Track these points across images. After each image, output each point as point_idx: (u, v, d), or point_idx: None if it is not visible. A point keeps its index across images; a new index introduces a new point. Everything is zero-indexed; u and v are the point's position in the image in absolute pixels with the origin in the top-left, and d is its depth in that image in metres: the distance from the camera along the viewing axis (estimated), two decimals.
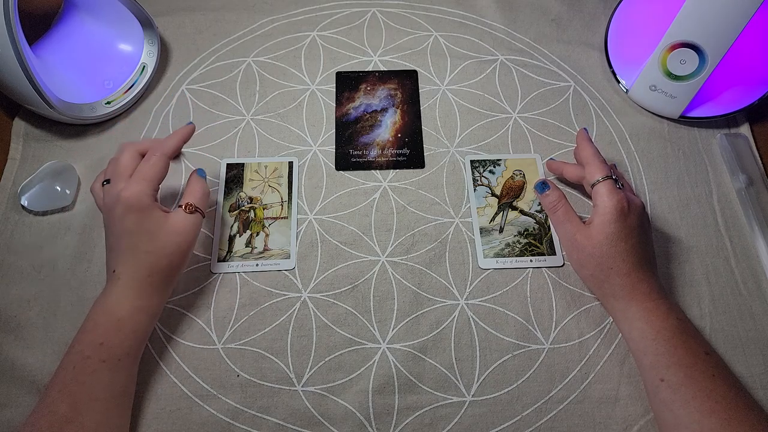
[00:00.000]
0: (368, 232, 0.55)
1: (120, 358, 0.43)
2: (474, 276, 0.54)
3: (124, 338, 0.43)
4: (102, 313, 0.43)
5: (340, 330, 0.51)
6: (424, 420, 0.47)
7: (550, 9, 0.71)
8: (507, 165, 0.60)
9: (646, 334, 0.45)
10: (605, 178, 0.48)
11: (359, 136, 0.61)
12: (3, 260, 0.53)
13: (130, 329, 0.43)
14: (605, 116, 0.63)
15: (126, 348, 0.43)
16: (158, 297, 0.46)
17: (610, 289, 0.47)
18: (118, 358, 0.42)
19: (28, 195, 0.55)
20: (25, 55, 0.51)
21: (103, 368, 0.42)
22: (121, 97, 0.61)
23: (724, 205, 0.58)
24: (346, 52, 0.67)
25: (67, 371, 0.41)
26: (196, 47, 0.67)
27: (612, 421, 0.47)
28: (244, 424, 0.47)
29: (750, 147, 0.60)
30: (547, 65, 0.67)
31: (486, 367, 0.50)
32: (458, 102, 0.64)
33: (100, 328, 0.43)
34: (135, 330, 0.44)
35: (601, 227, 0.47)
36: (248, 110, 0.63)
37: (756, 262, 0.55)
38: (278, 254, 0.54)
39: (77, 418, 0.40)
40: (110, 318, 0.43)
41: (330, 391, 0.48)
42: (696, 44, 0.56)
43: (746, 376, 0.49)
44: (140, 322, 0.44)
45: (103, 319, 0.43)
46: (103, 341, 0.42)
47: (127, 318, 0.43)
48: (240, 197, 0.57)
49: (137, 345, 0.45)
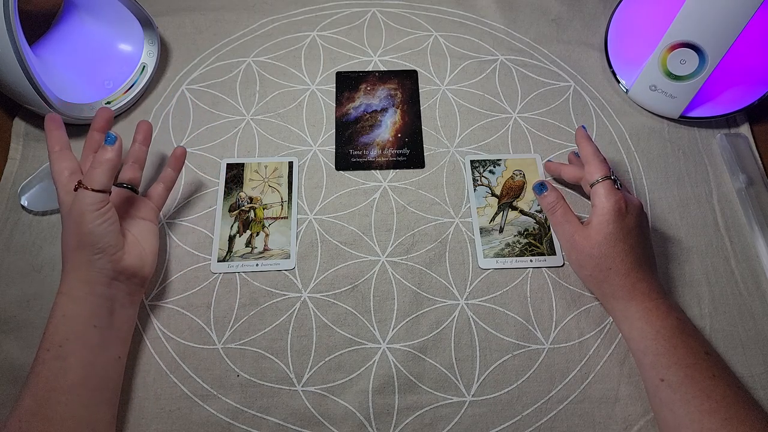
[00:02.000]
0: (368, 232, 0.55)
1: (61, 344, 0.42)
2: (474, 276, 0.54)
3: (57, 324, 0.43)
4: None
5: (340, 330, 0.51)
6: (424, 420, 0.47)
7: (550, 9, 0.71)
8: (507, 165, 0.60)
9: (646, 333, 0.45)
10: (604, 179, 0.48)
11: (359, 136, 0.61)
12: (3, 260, 0.53)
13: (59, 314, 0.43)
14: (605, 116, 0.63)
15: (63, 333, 0.42)
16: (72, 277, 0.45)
17: (610, 289, 0.47)
18: (58, 344, 0.42)
19: (28, 195, 0.55)
20: (25, 55, 0.51)
21: (49, 357, 0.41)
22: (121, 97, 0.61)
23: (724, 205, 0.58)
24: (346, 52, 0.67)
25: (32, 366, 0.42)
26: (196, 47, 0.67)
27: (612, 421, 0.47)
28: (244, 424, 0.47)
29: (750, 147, 0.60)
30: (547, 65, 0.67)
31: (486, 367, 0.50)
32: (458, 102, 0.64)
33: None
34: (63, 314, 0.43)
35: (599, 228, 0.47)
36: (248, 110, 0.63)
37: (756, 262, 0.55)
38: (278, 254, 0.54)
39: (41, 411, 0.40)
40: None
41: (330, 391, 0.48)
42: (696, 44, 0.56)
43: (746, 376, 0.49)
44: (61, 304, 0.43)
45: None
46: (44, 330, 0.43)
47: (54, 303, 0.44)
48: (240, 197, 0.57)
49: (74, 330, 0.43)
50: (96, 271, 0.45)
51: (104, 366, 0.44)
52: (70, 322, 0.43)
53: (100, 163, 0.44)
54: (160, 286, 0.52)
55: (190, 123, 0.62)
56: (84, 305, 0.44)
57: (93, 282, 0.44)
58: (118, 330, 0.46)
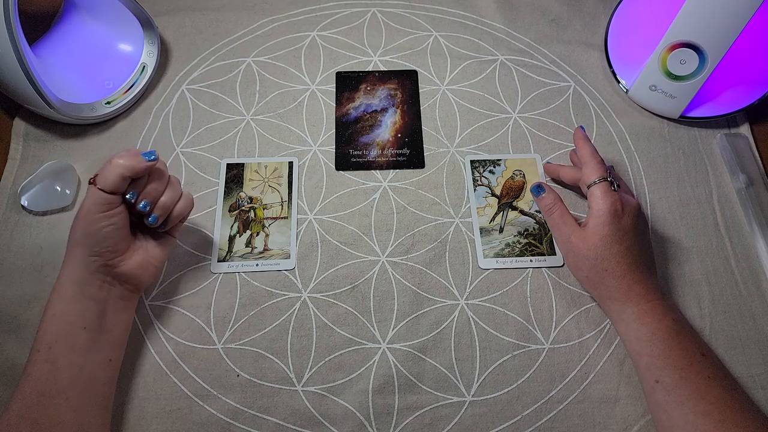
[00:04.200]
0: (368, 232, 0.56)
1: (50, 345, 0.41)
2: (474, 276, 0.54)
3: (47, 323, 0.42)
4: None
5: (340, 330, 0.51)
6: (424, 420, 0.47)
7: (550, 9, 0.71)
8: (507, 165, 0.60)
9: (642, 335, 0.45)
10: (600, 180, 0.48)
11: (359, 136, 0.61)
12: (3, 260, 0.53)
13: (49, 312, 0.43)
14: (605, 116, 0.63)
15: (52, 334, 0.42)
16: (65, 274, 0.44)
17: (606, 291, 0.47)
18: (48, 346, 0.41)
19: (28, 195, 0.55)
20: (25, 55, 0.51)
21: (39, 359, 0.41)
22: (121, 97, 0.61)
23: (724, 205, 0.58)
24: (346, 52, 0.67)
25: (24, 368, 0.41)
26: (196, 47, 0.67)
27: (612, 421, 0.47)
28: (244, 424, 0.47)
29: (750, 147, 0.60)
30: (547, 65, 0.67)
31: (486, 367, 0.50)
32: (458, 102, 0.64)
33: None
34: (54, 314, 0.42)
35: (595, 229, 0.47)
36: (248, 110, 0.63)
37: (756, 262, 0.55)
38: (278, 254, 0.54)
39: (30, 414, 0.39)
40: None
41: (330, 391, 0.48)
42: (696, 44, 0.56)
43: (746, 376, 0.49)
44: (52, 303, 0.43)
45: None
46: (37, 329, 0.42)
47: (48, 302, 0.43)
48: (240, 197, 0.57)
49: (63, 330, 0.42)
50: (89, 273, 0.44)
51: (94, 369, 0.43)
52: (59, 322, 0.42)
53: (115, 165, 0.42)
54: (160, 286, 0.52)
55: (190, 123, 0.62)
56: (74, 305, 0.43)
57: (83, 282, 0.43)
58: (109, 333, 0.45)
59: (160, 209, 0.46)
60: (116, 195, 0.43)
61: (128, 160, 0.42)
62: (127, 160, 0.42)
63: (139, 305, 0.51)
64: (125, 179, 0.43)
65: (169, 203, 0.46)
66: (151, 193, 0.45)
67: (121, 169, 0.42)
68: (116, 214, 0.43)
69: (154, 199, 0.45)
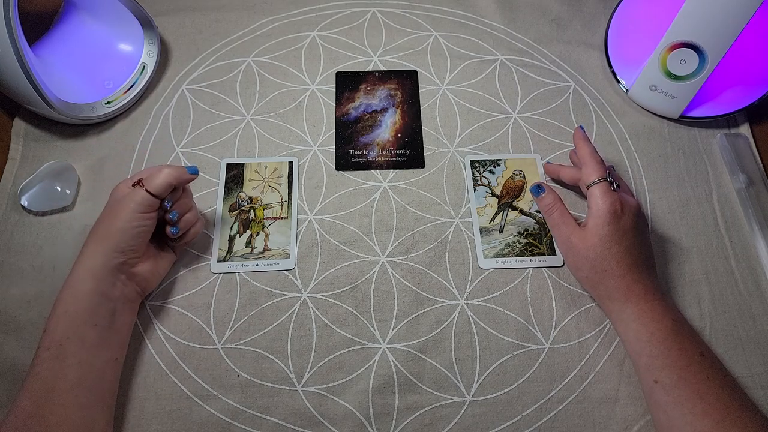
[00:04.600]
0: (368, 232, 0.56)
1: (61, 343, 0.42)
2: (474, 276, 0.54)
3: (58, 320, 0.42)
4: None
5: (340, 330, 0.51)
6: (424, 420, 0.47)
7: (550, 9, 0.71)
8: (507, 165, 0.60)
9: (641, 335, 0.45)
10: (600, 180, 0.48)
11: (359, 136, 0.61)
12: (3, 260, 0.53)
13: (60, 310, 0.43)
14: (605, 116, 0.63)
15: (63, 331, 0.42)
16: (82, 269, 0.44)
17: (606, 291, 0.47)
18: (59, 343, 0.42)
19: (28, 195, 0.55)
20: (25, 55, 0.51)
21: (49, 357, 0.41)
22: (121, 97, 0.61)
23: (724, 205, 0.58)
24: (346, 52, 0.67)
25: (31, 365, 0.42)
26: (196, 47, 0.67)
27: (612, 421, 0.48)
28: (244, 424, 0.47)
29: (750, 147, 0.60)
30: (547, 65, 0.67)
31: (486, 367, 0.50)
32: (458, 102, 0.64)
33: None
34: (65, 311, 0.43)
35: (594, 230, 0.47)
36: (248, 110, 0.63)
37: (756, 262, 0.55)
38: (278, 254, 0.54)
39: (38, 412, 0.39)
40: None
41: (330, 391, 0.49)
42: (696, 44, 0.56)
43: (746, 376, 0.49)
44: (64, 300, 0.43)
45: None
46: (45, 328, 0.43)
47: (57, 299, 0.44)
48: (240, 197, 0.57)
49: (74, 327, 0.42)
50: (107, 269, 0.45)
51: (101, 367, 0.44)
52: (71, 319, 0.43)
53: (165, 173, 0.46)
54: (160, 286, 0.52)
55: (190, 123, 0.62)
56: (86, 302, 0.44)
57: (101, 278, 0.44)
58: (117, 332, 0.46)
59: (184, 223, 0.50)
60: (158, 199, 0.46)
61: (176, 170, 0.47)
62: (175, 170, 0.47)
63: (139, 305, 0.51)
64: (170, 186, 0.47)
65: (192, 220, 0.51)
66: (181, 206, 0.49)
67: (169, 177, 0.46)
68: (151, 218, 0.46)
69: (183, 212, 0.49)
